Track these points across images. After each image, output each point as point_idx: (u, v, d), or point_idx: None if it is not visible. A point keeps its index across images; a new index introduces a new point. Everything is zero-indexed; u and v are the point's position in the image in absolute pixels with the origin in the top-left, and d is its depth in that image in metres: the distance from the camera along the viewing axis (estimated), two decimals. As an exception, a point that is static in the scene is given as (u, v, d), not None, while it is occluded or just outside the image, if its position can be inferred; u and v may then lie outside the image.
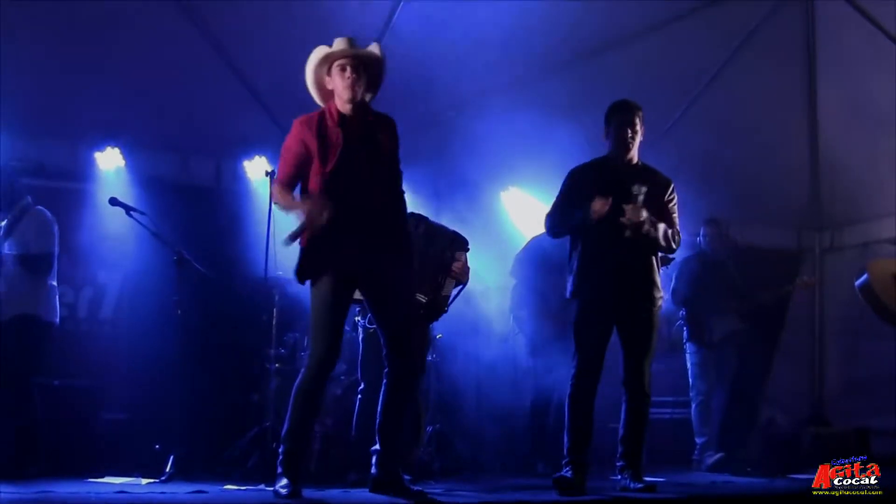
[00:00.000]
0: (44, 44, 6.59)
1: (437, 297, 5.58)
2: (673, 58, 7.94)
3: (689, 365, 7.77)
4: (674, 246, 5.39)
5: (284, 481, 4.47)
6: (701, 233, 7.99)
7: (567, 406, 5.23)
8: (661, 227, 5.26)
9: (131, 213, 6.09)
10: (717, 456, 7.39)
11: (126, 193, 6.93)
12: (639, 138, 5.32)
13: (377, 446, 4.74)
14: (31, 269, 6.04)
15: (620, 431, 5.33)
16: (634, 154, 5.34)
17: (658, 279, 5.37)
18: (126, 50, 6.88)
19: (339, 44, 4.70)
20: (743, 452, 7.48)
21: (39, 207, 6.18)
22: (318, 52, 4.72)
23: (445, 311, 5.71)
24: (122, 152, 7.47)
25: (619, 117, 5.31)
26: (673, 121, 8.54)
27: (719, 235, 8.02)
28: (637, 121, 5.30)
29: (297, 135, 4.65)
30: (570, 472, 5.05)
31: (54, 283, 6.19)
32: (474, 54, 7.42)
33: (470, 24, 7.22)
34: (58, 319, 6.19)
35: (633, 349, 5.30)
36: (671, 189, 5.43)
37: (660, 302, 5.38)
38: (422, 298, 5.49)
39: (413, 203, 5.06)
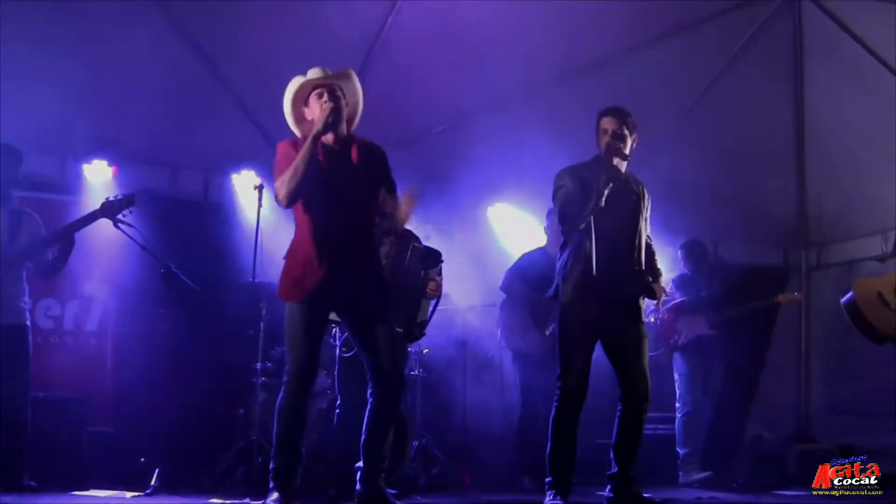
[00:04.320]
0: (32, 56, 6.59)
1: (412, 325, 5.53)
2: (660, 78, 7.97)
3: (675, 376, 7.81)
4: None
5: (275, 496, 4.48)
6: (679, 255, 8.13)
7: (551, 429, 5.04)
8: None
9: (119, 224, 6.04)
10: (705, 474, 7.40)
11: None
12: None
13: (361, 463, 4.74)
14: (48, 274, 5.96)
15: (616, 442, 5.07)
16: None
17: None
18: (115, 63, 6.88)
19: (312, 72, 4.70)
20: (729, 469, 7.50)
21: (28, 209, 6.07)
22: (293, 85, 4.69)
23: (423, 335, 5.70)
24: (109, 165, 7.47)
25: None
26: (661, 140, 8.55)
27: (694, 255, 8.12)
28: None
29: (286, 156, 4.58)
30: (559, 500, 4.91)
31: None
32: (464, 69, 7.45)
33: (461, 38, 7.25)
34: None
35: (627, 354, 5.06)
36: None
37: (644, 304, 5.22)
38: (398, 330, 5.38)
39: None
